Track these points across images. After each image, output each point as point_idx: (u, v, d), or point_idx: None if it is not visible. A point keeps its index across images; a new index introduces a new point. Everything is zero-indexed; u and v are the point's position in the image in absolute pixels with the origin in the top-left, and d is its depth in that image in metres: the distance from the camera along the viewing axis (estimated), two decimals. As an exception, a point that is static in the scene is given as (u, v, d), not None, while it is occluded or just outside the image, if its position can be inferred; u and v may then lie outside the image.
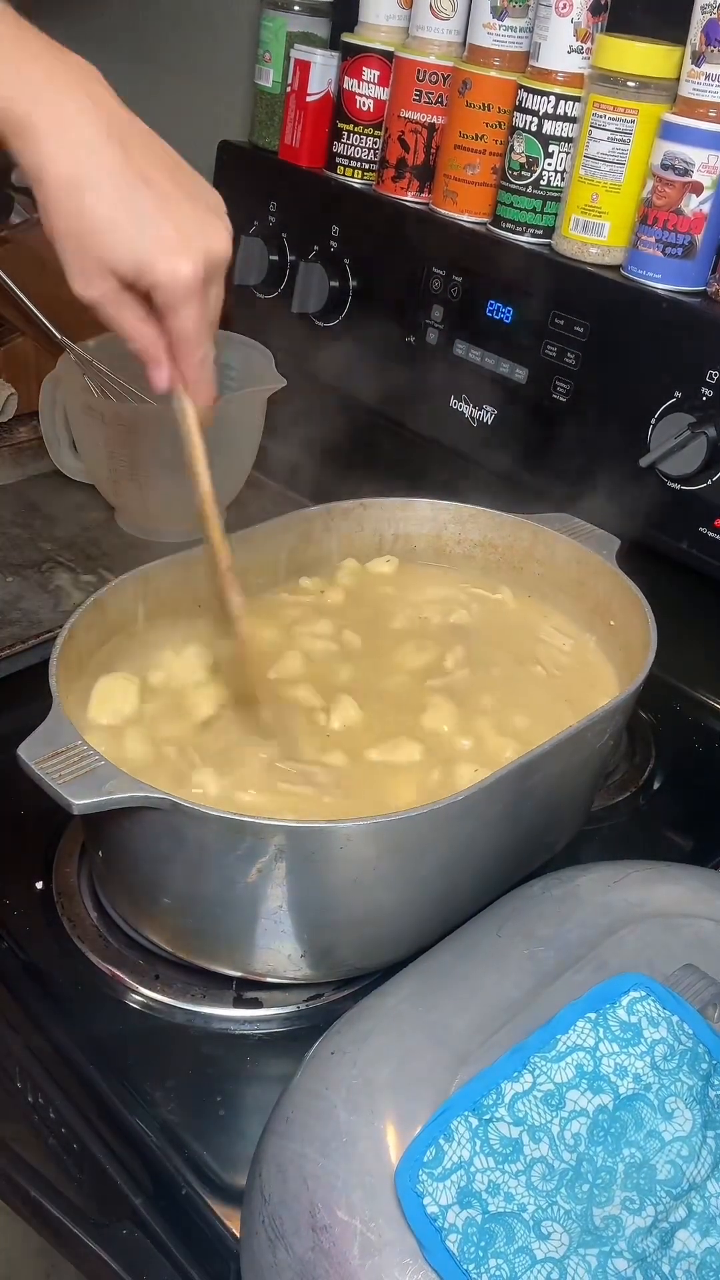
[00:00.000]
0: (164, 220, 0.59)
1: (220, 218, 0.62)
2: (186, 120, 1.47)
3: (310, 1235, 0.51)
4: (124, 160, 0.58)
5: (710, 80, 0.87)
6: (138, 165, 0.58)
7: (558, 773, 0.71)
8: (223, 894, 0.65)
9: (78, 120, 0.57)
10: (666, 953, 0.59)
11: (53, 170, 0.57)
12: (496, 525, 0.92)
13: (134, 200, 0.58)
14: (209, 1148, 0.64)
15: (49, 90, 0.57)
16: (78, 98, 0.57)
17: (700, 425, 0.88)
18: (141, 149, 0.59)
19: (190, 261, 0.59)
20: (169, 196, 0.59)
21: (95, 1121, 0.66)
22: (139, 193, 0.58)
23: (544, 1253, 0.49)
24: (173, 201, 0.59)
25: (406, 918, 0.69)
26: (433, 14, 1.05)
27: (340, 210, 1.16)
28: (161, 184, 0.59)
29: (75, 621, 0.73)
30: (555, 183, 0.99)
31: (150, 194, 0.58)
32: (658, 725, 0.97)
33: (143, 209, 0.58)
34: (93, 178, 0.57)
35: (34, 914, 0.76)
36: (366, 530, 0.93)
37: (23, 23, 0.58)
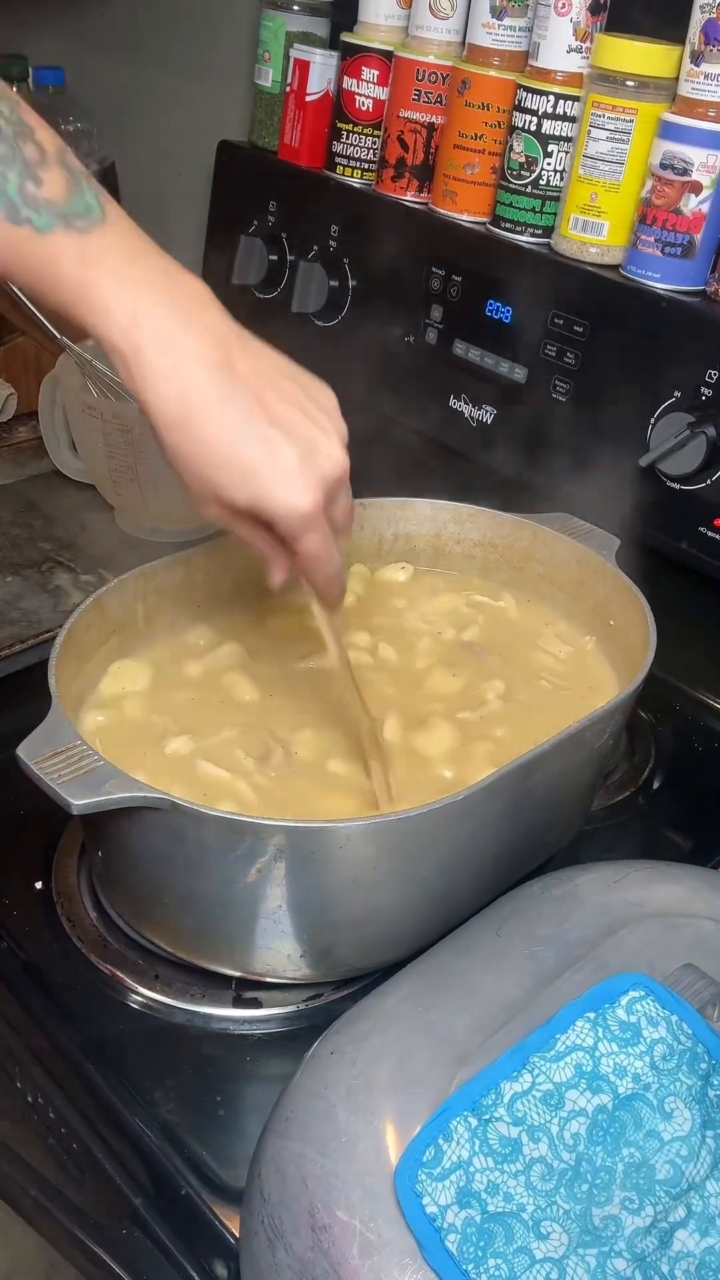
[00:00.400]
0: (276, 453, 0.58)
1: (331, 430, 0.61)
2: (186, 120, 1.47)
3: (310, 1235, 0.51)
4: (231, 389, 0.57)
5: (709, 80, 0.87)
6: (247, 390, 0.57)
7: (557, 772, 0.71)
8: (222, 894, 0.65)
9: (191, 354, 0.57)
10: (666, 953, 0.59)
11: (162, 408, 0.57)
12: (496, 525, 0.92)
13: (243, 434, 0.57)
14: (209, 1148, 0.64)
15: (167, 323, 0.56)
16: (192, 331, 0.57)
17: (700, 425, 0.88)
18: (250, 369, 0.59)
19: (307, 495, 0.59)
20: (280, 421, 0.58)
21: (95, 1121, 0.66)
22: (248, 425, 0.57)
23: (543, 1253, 0.49)
24: (284, 427, 0.58)
25: (406, 918, 0.69)
26: (432, 13, 1.05)
27: (340, 210, 1.16)
28: (272, 406, 0.58)
29: (75, 621, 0.73)
30: (554, 182, 0.99)
31: (260, 425, 0.57)
32: (658, 725, 0.97)
33: (252, 444, 0.57)
34: (199, 414, 0.57)
35: (34, 914, 0.76)
36: (366, 530, 0.93)
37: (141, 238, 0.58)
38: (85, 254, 0.55)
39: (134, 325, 0.56)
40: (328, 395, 0.63)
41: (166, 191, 1.53)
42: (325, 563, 0.64)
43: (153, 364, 0.56)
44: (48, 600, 1.02)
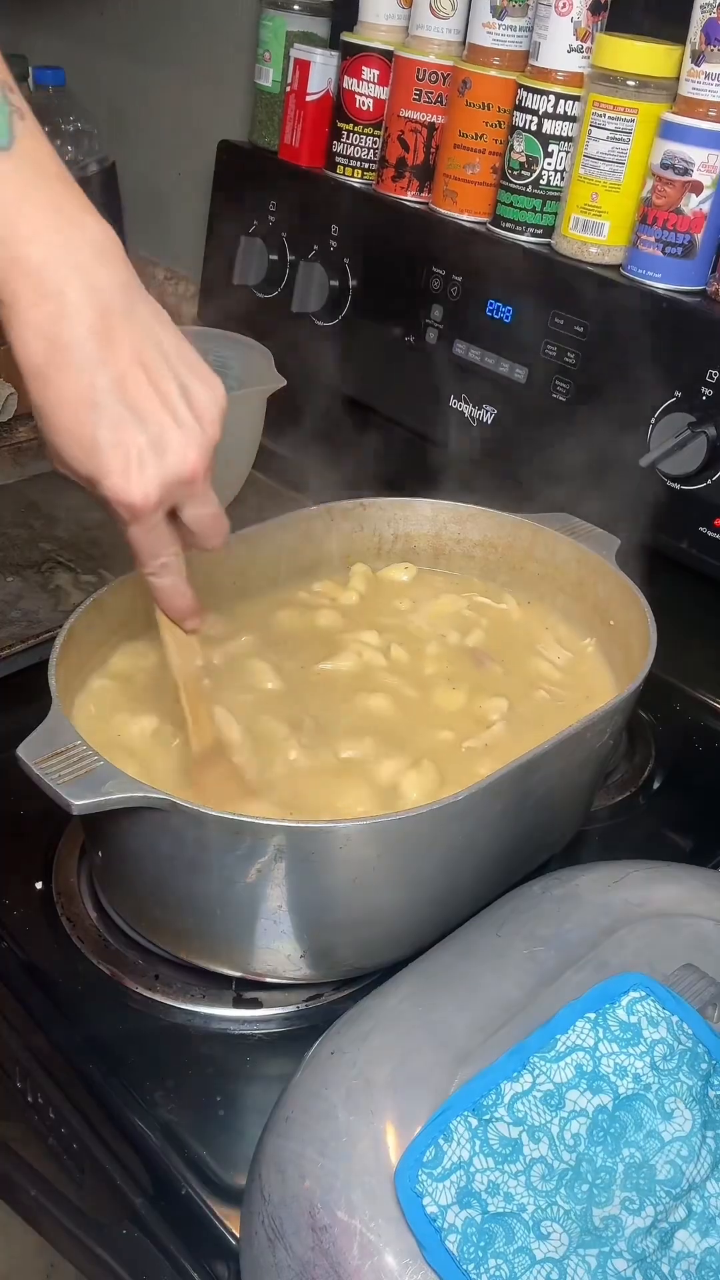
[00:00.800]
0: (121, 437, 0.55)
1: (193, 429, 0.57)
2: (186, 120, 1.47)
3: (310, 1235, 0.51)
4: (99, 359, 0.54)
5: (710, 79, 0.87)
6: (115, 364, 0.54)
7: (557, 772, 0.71)
8: (222, 894, 0.65)
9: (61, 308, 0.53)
10: (666, 953, 0.59)
11: (23, 354, 0.54)
12: (496, 525, 0.92)
13: (97, 409, 0.54)
14: (209, 1148, 0.64)
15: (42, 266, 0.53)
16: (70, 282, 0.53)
17: (700, 425, 0.88)
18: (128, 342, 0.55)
19: (139, 489, 0.56)
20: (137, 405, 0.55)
21: (95, 1121, 0.66)
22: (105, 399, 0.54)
23: (543, 1253, 0.49)
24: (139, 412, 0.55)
25: (406, 918, 0.69)
26: (432, 13, 1.05)
27: (340, 210, 1.16)
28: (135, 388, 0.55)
29: (75, 621, 0.73)
30: (555, 182, 0.99)
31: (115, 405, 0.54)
32: (657, 725, 0.97)
33: (102, 422, 0.54)
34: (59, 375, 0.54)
35: (34, 914, 0.76)
36: (366, 530, 0.93)
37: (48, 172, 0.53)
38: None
39: (14, 269, 0.52)
40: (210, 394, 0.58)
41: (166, 191, 1.53)
42: (149, 559, 0.61)
43: (26, 314, 0.53)
44: (48, 600, 1.02)
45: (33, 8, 1.64)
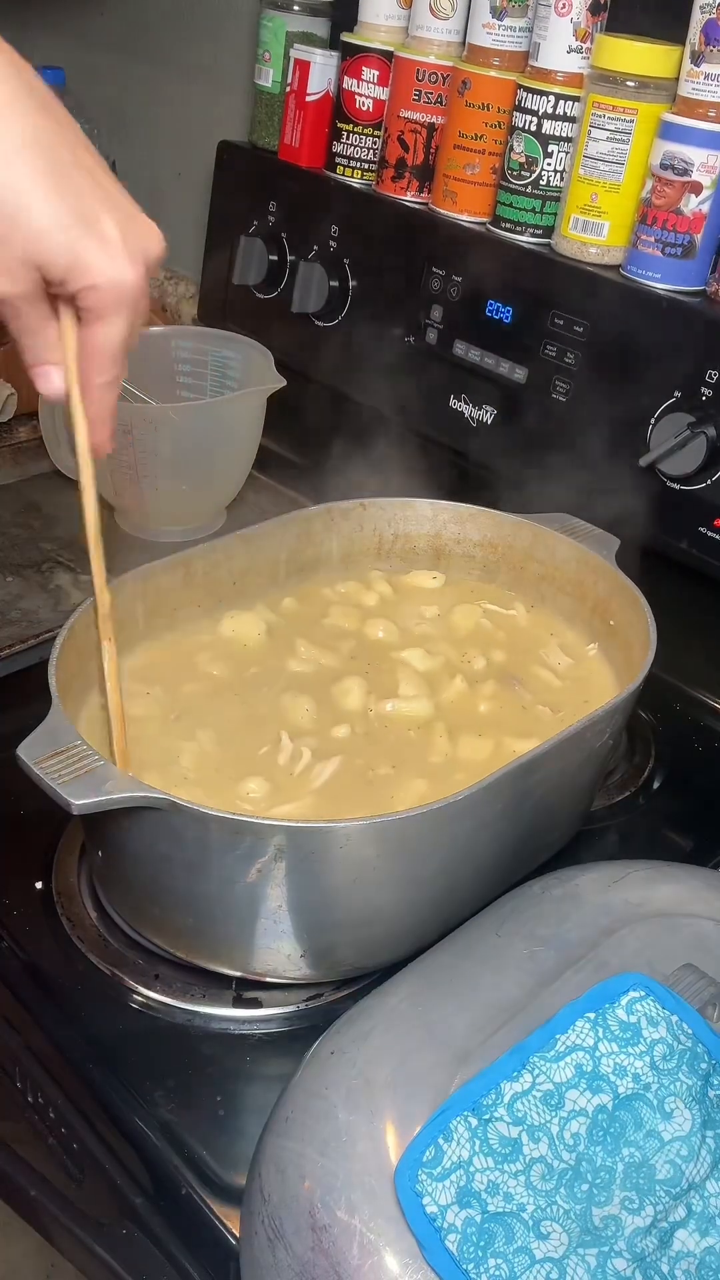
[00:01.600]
0: (106, 217, 0.52)
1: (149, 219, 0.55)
2: (186, 120, 1.47)
3: (310, 1235, 0.51)
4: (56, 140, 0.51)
5: (709, 80, 0.87)
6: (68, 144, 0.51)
7: (557, 772, 0.71)
8: (222, 894, 0.65)
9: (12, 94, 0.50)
10: (666, 953, 0.59)
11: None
12: (496, 525, 0.92)
13: (74, 191, 0.51)
14: (209, 1148, 0.64)
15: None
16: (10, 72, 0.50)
17: (700, 425, 0.88)
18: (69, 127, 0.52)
19: (134, 267, 0.53)
20: (108, 192, 0.52)
21: (95, 1121, 0.66)
22: (79, 183, 0.51)
23: (543, 1252, 0.49)
24: (112, 197, 0.52)
25: (406, 918, 0.69)
26: (432, 14, 1.05)
27: (340, 210, 1.16)
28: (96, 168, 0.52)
29: (75, 621, 0.73)
30: (555, 182, 0.99)
31: (90, 185, 0.51)
32: (658, 725, 0.97)
33: (84, 202, 0.51)
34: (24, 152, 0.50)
35: (34, 914, 0.76)
36: (366, 530, 0.93)
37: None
38: None
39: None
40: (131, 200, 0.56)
41: (166, 191, 1.53)
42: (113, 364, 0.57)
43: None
44: (48, 600, 1.02)
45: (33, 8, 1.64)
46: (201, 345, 1.17)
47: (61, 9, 1.60)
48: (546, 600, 0.91)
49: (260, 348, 1.13)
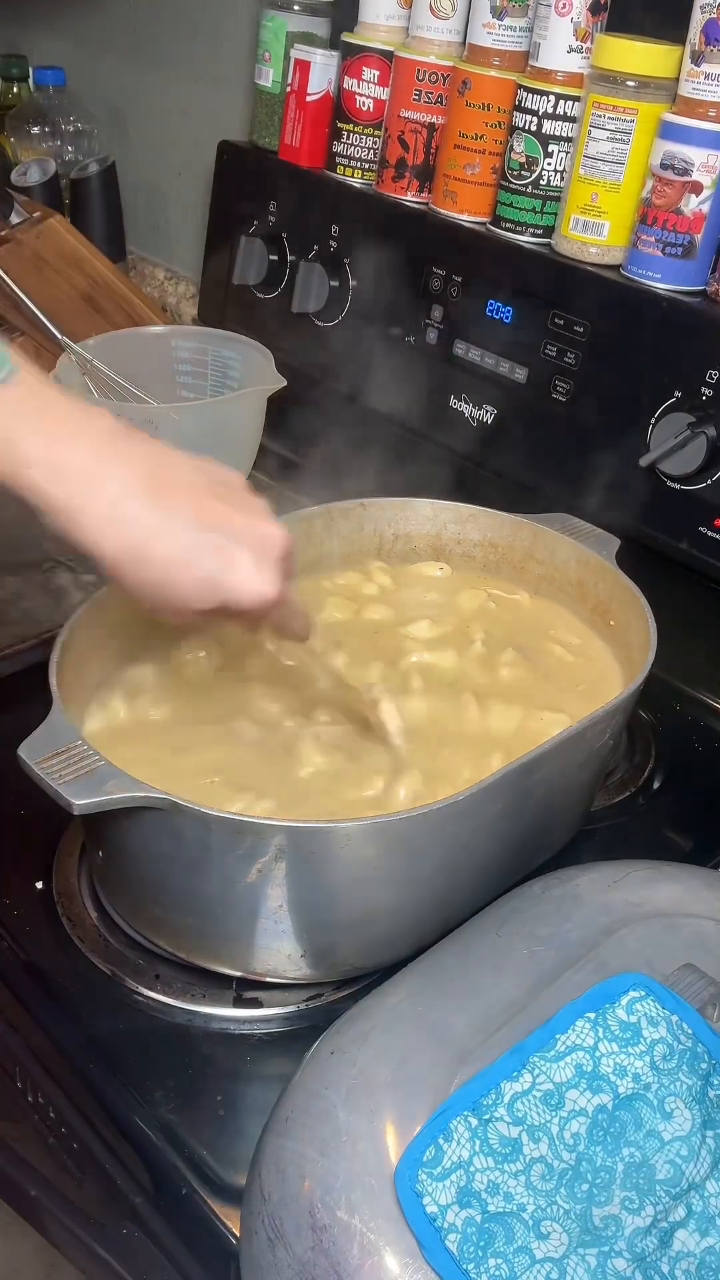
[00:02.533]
0: (231, 556, 0.60)
1: (263, 512, 0.63)
2: (186, 120, 1.47)
3: (310, 1235, 0.51)
4: (169, 510, 0.59)
5: (710, 80, 0.87)
6: (183, 505, 0.59)
7: (558, 772, 0.71)
8: (223, 894, 0.65)
9: (122, 492, 0.58)
10: (666, 952, 0.59)
11: (112, 549, 0.58)
12: (496, 525, 0.92)
13: (196, 549, 0.59)
14: (209, 1148, 0.64)
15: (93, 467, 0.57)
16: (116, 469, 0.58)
17: (700, 425, 0.88)
18: (176, 482, 0.60)
19: (270, 585, 0.62)
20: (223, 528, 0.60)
21: (95, 1121, 0.66)
22: (197, 538, 0.59)
23: (543, 1252, 0.49)
24: (229, 532, 0.60)
25: (406, 918, 0.69)
26: (432, 14, 1.05)
27: (340, 210, 1.16)
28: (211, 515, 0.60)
29: (75, 621, 0.73)
30: (555, 182, 0.99)
31: (207, 534, 0.60)
32: (658, 725, 0.97)
33: (207, 556, 0.59)
34: (147, 545, 0.58)
35: (34, 914, 0.76)
36: (366, 530, 0.93)
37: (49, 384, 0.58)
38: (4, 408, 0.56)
39: (61, 476, 0.57)
40: (240, 480, 0.65)
41: (166, 191, 1.53)
42: (290, 618, 0.69)
43: (88, 510, 0.57)
44: (48, 600, 1.02)
45: (33, 8, 1.64)
46: (201, 345, 1.17)
47: (61, 9, 1.60)
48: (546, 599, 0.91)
49: (260, 348, 1.13)
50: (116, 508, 0.58)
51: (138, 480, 0.58)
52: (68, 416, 0.58)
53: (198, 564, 0.60)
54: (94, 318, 1.29)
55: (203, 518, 0.60)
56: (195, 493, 0.61)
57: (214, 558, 0.60)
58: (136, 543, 0.58)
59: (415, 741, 0.76)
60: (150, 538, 0.58)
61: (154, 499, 0.58)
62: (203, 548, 0.60)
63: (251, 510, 0.63)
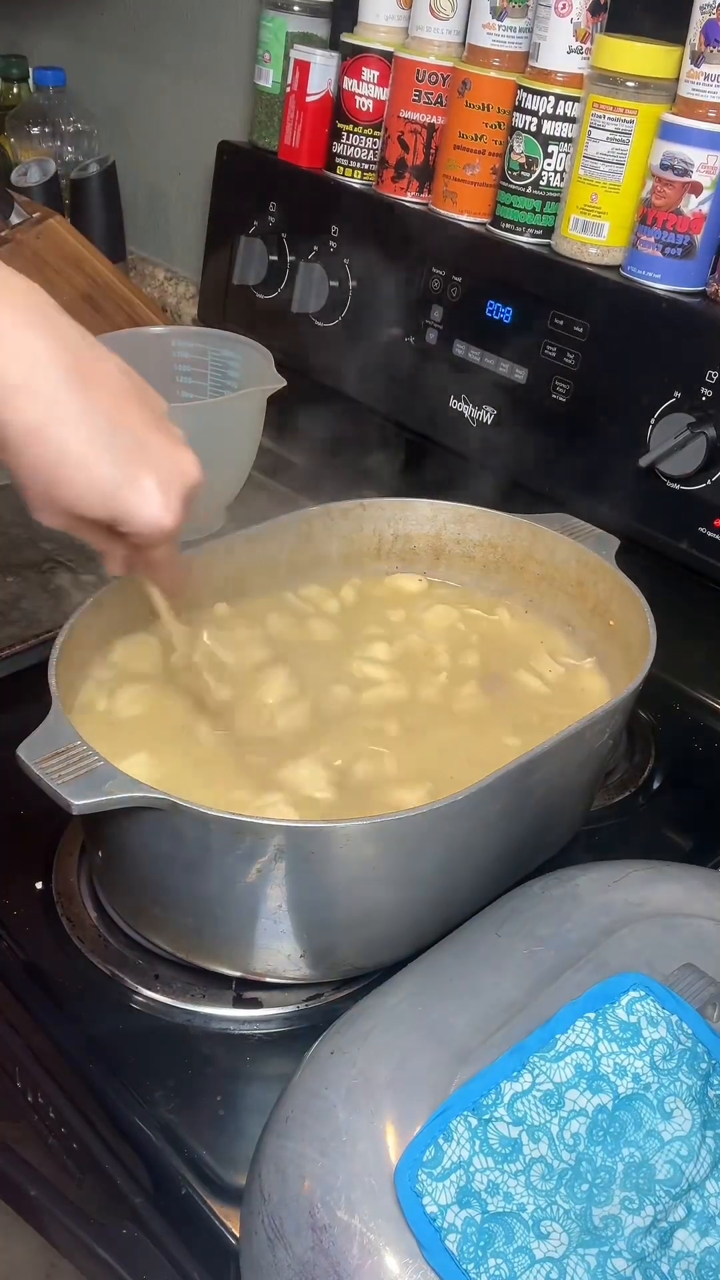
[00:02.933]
0: (141, 474, 0.56)
1: (180, 440, 0.59)
2: (186, 120, 1.47)
3: (310, 1235, 0.51)
4: (89, 400, 0.54)
5: (709, 80, 0.87)
6: (104, 405, 0.55)
7: (557, 772, 0.71)
8: (222, 894, 0.65)
9: (42, 365, 0.53)
10: (666, 952, 0.59)
11: (14, 419, 0.53)
12: (496, 525, 0.92)
13: (106, 450, 0.55)
14: (209, 1148, 0.64)
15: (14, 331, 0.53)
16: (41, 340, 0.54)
17: (700, 425, 0.88)
18: (103, 377, 0.56)
19: (169, 513, 0.58)
20: (139, 440, 0.56)
21: (95, 1121, 0.66)
22: (110, 438, 0.55)
23: (543, 1252, 0.49)
24: (143, 445, 0.57)
25: (406, 917, 0.69)
26: (432, 14, 1.05)
27: (340, 210, 1.16)
28: (130, 422, 0.56)
29: (75, 621, 0.73)
30: (555, 183, 0.99)
31: (122, 442, 0.56)
32: (658, 725, 0.97)
33: (115, 462, 0.55)
34: (60, 429, 0.54)
35: (34, 914, 0.76)
36: (366, 530, 0.93)
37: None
38: None
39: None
40: (162, 401, 0.61)
41: (166, 191, 1.53)
42: (169, 566, 0.66)
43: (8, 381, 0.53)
44: (48, 600, 1.02)
45: (33, 8, 1.64)
46: (201, 345, 1.17)
47: (61, 9, 1.60)
48: (546, 600, 0.91)
49: (260, 348, 1.12)
50: (32, 378, 0.53)
51: (62, 360, 0.54)
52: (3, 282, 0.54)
53: (101, 465, 0.55)
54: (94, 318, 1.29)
55: (120, 420, 0.56)
56: (120, 394, 0.56)
57: (120, 465, 0.56)
58: (42, 420, 0.53)
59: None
60: (59, 421, 0.54)
61: (75, 384, 0.54)
62: (112, 450, 0.55)
63: (170, 434, 0.59)
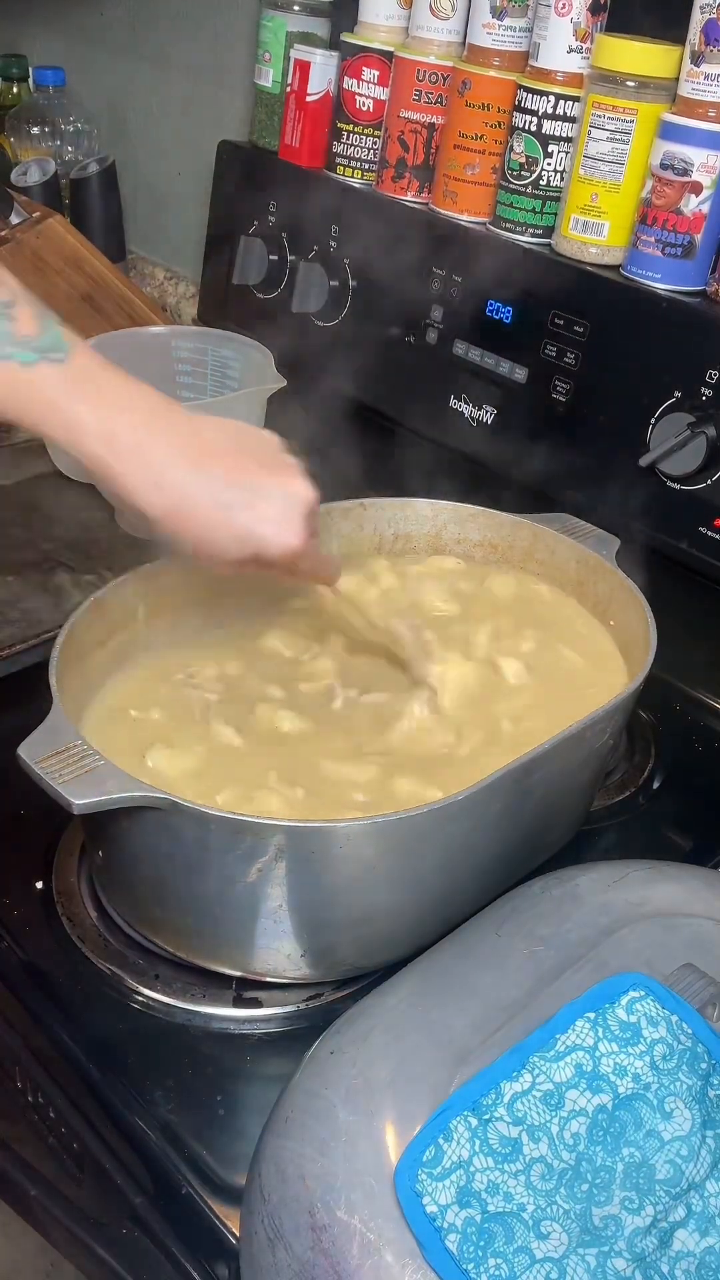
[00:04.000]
0: (259, 511, 0.67)
1: (293, 470, 0.70)
2: (186, 120, 1.47)
3: (310, 1235, 0.51)
4: (206, 473, 0.66)
5: (709, 80, 0.87)
6: (218, 467, 0.66)
7: (557, 772, 0.71)
8: (222, 894, 0.65)
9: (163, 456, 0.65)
10: (666, 952, 0.59)
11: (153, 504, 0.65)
12: (496, 525, 0.92)
13: (228, 506, 0.66)
14: (209, 1148, 0.64)
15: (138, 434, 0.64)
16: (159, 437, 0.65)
17: (700, 425, 0.88)
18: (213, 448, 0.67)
19: (294, 535, 0.68)
20: (251, 486, 0.67)
21: (95, 1121, 0.66)
22: (228, 495, 0.66)
23: (543, 1252, 0.49)
24: (256, 488, 0.67)
25: (406, 917, 0.69)
26: (432, 14, 1.05)
27: (340, 210, 1.16)
28: (242, 475, 0.67)
29: (75, 621, 0.73)
30: (555, 182, 0.99)
31: (238, 492, 0.66)
32: (658, 725, 0.97)
33: (238, 510, 0.66)
34: (188, 502, 0.65)
35: (34, 914, 0.76)
36: (366, 530, 0.93)
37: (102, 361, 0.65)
38: (64, 383, 0.62)
39: (113, 441, 0.63)
40: (273, 441, 0.71)
41: (166, 191, 1.53)
42: (319, 566, 0.78)
43: (135, 473, 0.64)
44: (48, 600, 1.02)
45: (33, 8, 1.64)
46: (201, 345, 1.17)
47: (61, 9, 1.60)
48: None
49: (260, 348, 1.13)
50: (161, 474, 0.64)
51: (178, 448, 0.65)
52: (117, 392, 0.64)
53: (231, 519, 0.66)
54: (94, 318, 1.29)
55: (235, 477, 0.67)
56: (229, 456, 0.67)
57: (244, 513, 0.67)
58: (178, 503, 0.65)
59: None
60: (189, 498, 0.65)
61: (192, 464, 0.65)
62: (235, 505, 0.66)
63: (281, 469, 0.69)
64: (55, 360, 0.62)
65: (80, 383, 0.63)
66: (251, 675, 0.81)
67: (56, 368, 0.62)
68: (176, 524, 0.66)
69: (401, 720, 0.78)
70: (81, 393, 0.63)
